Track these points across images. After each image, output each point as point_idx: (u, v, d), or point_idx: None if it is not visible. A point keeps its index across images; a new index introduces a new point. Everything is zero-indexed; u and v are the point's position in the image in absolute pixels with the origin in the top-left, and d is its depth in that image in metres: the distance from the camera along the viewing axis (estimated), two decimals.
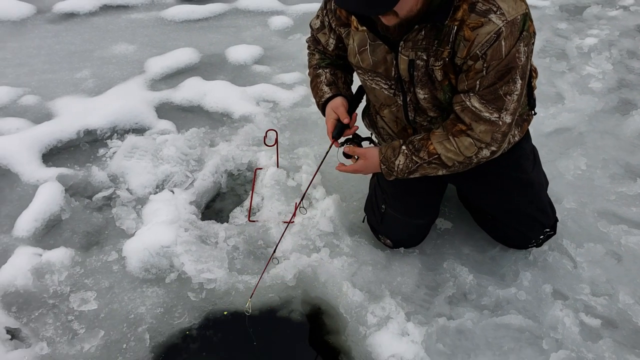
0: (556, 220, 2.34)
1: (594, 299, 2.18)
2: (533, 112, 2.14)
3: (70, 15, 4.17)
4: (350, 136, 2.07)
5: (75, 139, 2.90)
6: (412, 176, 1.94)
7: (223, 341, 2.06)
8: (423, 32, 1.69)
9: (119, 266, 2.25)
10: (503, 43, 1.61)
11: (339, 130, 1.99)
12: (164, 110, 3.17)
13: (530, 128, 3.00)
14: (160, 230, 2.28)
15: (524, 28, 1.62)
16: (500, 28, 1.59)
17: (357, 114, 2.06)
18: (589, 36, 4.12)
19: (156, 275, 2.21)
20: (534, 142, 2.30)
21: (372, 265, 2.28)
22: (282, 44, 3.93)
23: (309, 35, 2.21)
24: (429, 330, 2.03)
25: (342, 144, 2.06)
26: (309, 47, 2.23)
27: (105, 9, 4.27)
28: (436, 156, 1.86)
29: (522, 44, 1.63)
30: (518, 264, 2.32)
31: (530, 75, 1.99)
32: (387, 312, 2.07)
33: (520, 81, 1.70)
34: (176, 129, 3.00)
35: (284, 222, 2.41)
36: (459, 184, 2.36)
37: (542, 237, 2.31)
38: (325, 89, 2.09)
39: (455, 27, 1.65)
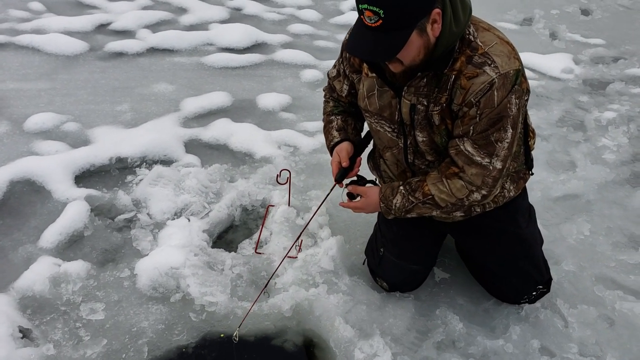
0: (550, 278, 2.40)
1: (580, 359, 2.22)
2: (530, 172, 2.24)
3: (118, 54, 4.51)
4: (355, 178, 2.22)
5: (107, 164, 3.12)
6: (409, 215, 2.06)
7: None
8: (425, 80, 1.85)
9: (130, 282, 2.41)
10: (495, 93, 1.75)
11: (342, 173, 2.15)
12: (192, 145, 3.39)
13: (538, 192, 3.11)
14: (171, 252, 2.43)
15: (515, 82, 1.77)
16: (494, 79, 1.74)
17: (361, 159, 2.22)
18: (608, 110, 4.21)
19: (162, 294, 2.35)
20: (541, 205, 2.40)
21: (366, 305, 2.37)
22: (310, 95, 4.17)
23: (326, 84, 2.40)
24: None
25: (347, 185, 2.21)
26: (325, 96, 2.41)
27: (152, 51, 4.61)
28: (430, 197, 1.98)
29: (513, 96, 1.77)
30: (509, 318, 2.37)
31: (527, 134, 2.12)
32: (375, 350, 2.15)
33: (511, 130, 1.83)
34: (200, 164, 3.20)
35: (289, 257, 2.53)
36: (457, 236, 2.45)
37: (534, 293, 2.37)
38: (335, 133, 2.26)
39: (454, 76, 1.80)
